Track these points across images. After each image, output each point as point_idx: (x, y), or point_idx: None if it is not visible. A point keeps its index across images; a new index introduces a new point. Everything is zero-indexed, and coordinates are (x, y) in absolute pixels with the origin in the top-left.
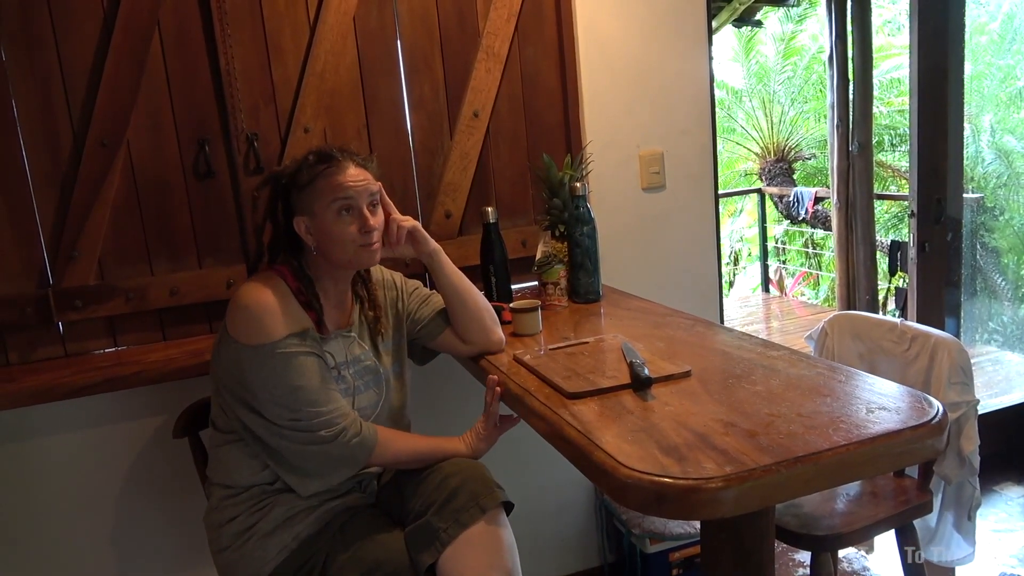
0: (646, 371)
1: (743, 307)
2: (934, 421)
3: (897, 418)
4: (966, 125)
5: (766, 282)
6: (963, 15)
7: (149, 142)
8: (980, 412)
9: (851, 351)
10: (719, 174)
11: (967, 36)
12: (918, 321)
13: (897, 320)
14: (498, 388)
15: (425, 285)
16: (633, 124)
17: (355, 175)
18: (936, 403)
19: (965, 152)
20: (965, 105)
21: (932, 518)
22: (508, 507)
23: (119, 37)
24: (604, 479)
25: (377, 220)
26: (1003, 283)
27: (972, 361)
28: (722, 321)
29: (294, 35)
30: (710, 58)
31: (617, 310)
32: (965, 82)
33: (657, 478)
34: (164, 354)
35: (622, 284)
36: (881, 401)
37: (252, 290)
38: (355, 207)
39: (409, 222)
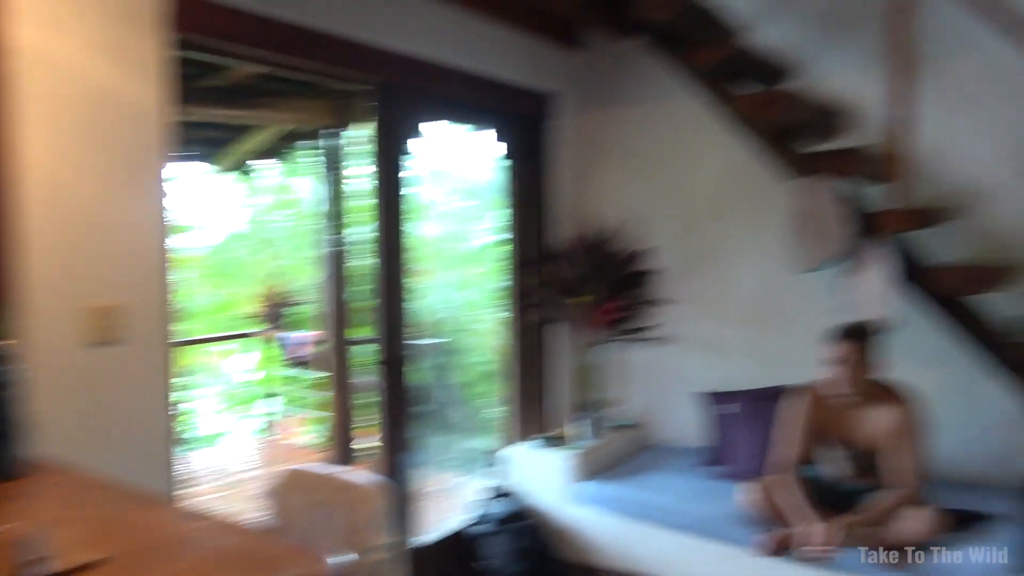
0: (48, 567)
1: (238, 455)
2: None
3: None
4: (433, 279)
5: (267, 426)
6: (409, 193)
7: None
8: (438, 538)
9: (299, 505)
10: (218, 317)
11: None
12: (384, 462)
13: (335, 469)
14: None
15: None
16: (81, 275)
17: None
18: (331, 557)
19: (431, 301)
20: (432, 261)
21: None
22: None
23: None
24: None
25: None
26: (464, 415)
27: (439, 488)
28: (173, 484)
29: None
30: (164, 208)
31: (44, 488)
32: (430, 243)
33: None
34: None
35: (66, 452)
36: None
37: None
38: None
39: None
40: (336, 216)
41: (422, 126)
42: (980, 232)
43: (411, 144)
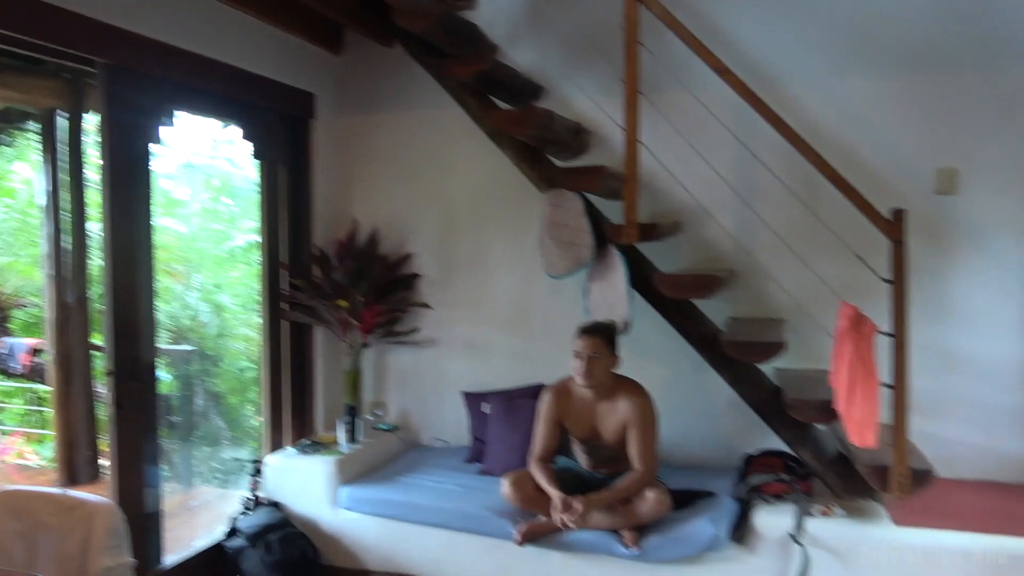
0: None
1: None
2: None
3: None
4: (187, 280)
5: None
6: (150, 188)
7: None
8: (192, 555)
9: (10, 531)
10: None
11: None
12: (120, 479)
13: (56, 490)
14: None
15: None
16: None
17: None
18: None
19: (183, 306)
20: (184, 264)
21: None
22: None
23: None
24: None
25: None
26: (224, 425)
27: (196, 503)
28: None
29: None
30: None
31: None
32: (183, 242)
33: None
34: None
35: None
36: None
37: None
38: None
39: None
40: (66, 209)
41: (175, 116)
42: (699, 245)
43: (158, 133)
